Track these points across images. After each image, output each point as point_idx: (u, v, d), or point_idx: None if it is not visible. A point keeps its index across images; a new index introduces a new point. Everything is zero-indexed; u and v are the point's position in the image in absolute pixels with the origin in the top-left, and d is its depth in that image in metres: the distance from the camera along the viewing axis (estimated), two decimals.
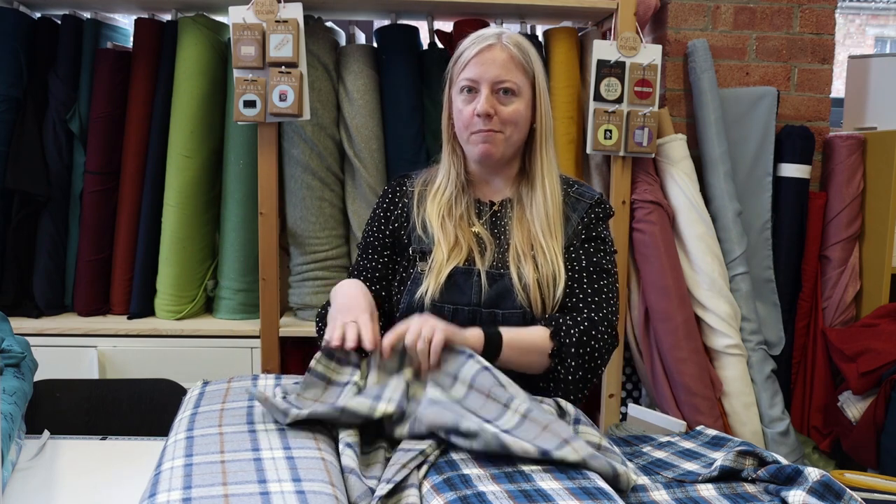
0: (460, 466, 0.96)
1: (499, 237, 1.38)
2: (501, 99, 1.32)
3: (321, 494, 0.84)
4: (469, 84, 1.32)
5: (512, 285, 1.31)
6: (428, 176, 1.46)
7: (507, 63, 1.31)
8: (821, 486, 0.94)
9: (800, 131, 2.31)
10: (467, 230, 1.37)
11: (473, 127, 1.33)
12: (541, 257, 1.32)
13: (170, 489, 0.84)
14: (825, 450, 2.29)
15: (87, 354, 2.06)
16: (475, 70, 1.31)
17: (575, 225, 1.38)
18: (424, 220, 1.39)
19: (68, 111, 2.14)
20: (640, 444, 1.23)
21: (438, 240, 1.35)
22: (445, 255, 1.33)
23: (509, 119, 1.32)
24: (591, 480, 0.93)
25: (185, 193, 2.14)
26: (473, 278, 1.32)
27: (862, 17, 14.50)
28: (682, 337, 2.14)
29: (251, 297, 2.17)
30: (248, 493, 0.84)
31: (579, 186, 1.43)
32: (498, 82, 1.31)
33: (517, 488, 0.89)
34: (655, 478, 1.07)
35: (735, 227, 2.22)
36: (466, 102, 1.33)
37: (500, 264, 1.34)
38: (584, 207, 1.40)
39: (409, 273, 1.38)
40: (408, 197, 1.43)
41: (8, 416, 1.16)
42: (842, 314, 2.33)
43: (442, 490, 0.90)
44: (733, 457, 1.05)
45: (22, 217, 2.13)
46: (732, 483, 1.03)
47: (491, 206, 1.41)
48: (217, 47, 2.16)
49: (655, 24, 2.42)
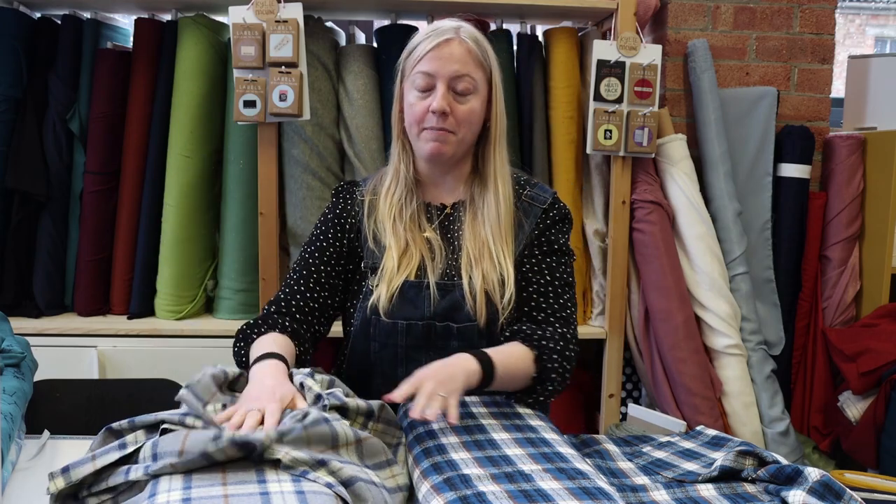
0: (460, 466, 0.96)
1: (452, 242, 1.34)
2: (457, 97, 1.27)
3: (320, 494, 0.84)
4: (424, 78, 1.27)
5: (463, 297, 1.28)
6: (376, 182, 1.40)
7: (465, 58, 1.27)
8: (821, 486, 0.94)
9: (800, 131, 2.31)
10: (418, 234, 1.33)
11: (426, 123, 1.27)
12: (488, 262, 1.29)
13: (170, 489, 0.84)
14: (825, 450, 2.29)
15: (87, 354, 2.05)
16: (432, 64, 1.26)
17: (529, 231, 1.35)
18: (375, 230, 1.34)
19: (68, 111, 2.14)
20: (640, 444, 1.23)
21: (389, 245, 1.30)
22: (396, 262, 1.28)
23: (464, 119, 1.28)
24: (592, 480, 0.93)
25: (185, 193, 2.14)
26: (424, 291, 1.29)
27: (862, 17, 14.50)
28: (682, 337, 2.14)
29: (251, 297, 2.17)
30: (247, 493, 0.83)
31: (531, 188, 1.39)
32: (455, 78, 1.26)
33: (517, 488, 0.89)
34: (655, 478, 1.07)
35: (735, 227, 2.22)
36: (420, 98, 1.27)
37: (453, 272, 1.30)
38: (536, 213, 1.36)
39: (361, 287, 1.34)
40: (358, 206, 1.38)
41: (8, 416, 1.16)
42: (842, 314, 2.33)
43: (442, 490, 0.90)
44: (733, 457, 1.05)
45: (22, 217, 2.12)
46: (732, 483, 1.03)
47: (443, 210, 1.37)
48: (217, 47, 2.16)
49: (655, 24, 2.42)
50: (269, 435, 0.89)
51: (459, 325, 1.29)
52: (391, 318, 1.29)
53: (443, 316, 1.29)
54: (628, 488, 1.03)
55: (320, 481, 0.87)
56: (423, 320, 1.29)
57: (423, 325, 1.29)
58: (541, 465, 0.97)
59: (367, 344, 1.33)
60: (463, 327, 1.29)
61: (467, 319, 1.29)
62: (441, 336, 1.29)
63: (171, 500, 0.81)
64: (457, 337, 1.29)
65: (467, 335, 1.29)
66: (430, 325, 1.29)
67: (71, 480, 0.89)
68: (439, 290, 1.29)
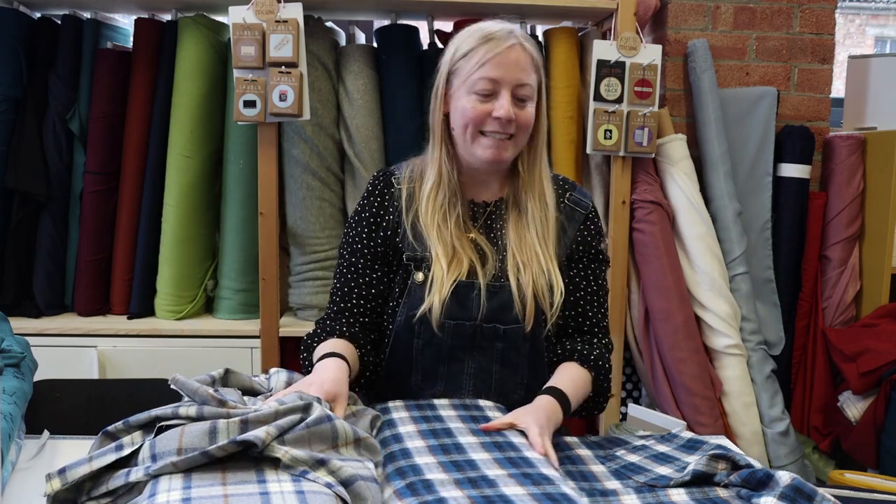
0: (423, 471, 0.96)
1: (496, 242, 1.35)
2: (517, 103, 1.28)
3: (320, 494, 0.84)
4: (487, 83, 1.26)
5: (512, 299, 1.29)
6: (411, 172, 1.39)
7: (527, 65, 1.28)
8: (791, 490, 0.94)
9: (800, 131, 2.31)
10: (464, 237, 1.33)
11: (486, 127, 1.27)
12: (536, 267, 1.30)
13: (169, 489, 0.84)
14: (825, 450, 2.29)
15: (87, 354, 2.06)
16: (497, 71, 1.25)
17: (572, 237, 1.37)
18: (416, 225, 1.33)
19: (68, 111, 2.14)
20: (612, 447, 1.21)
21: (437, 254, 1.29)
22: (445, 268, 1.28)
23: (524, 124, 1.29)
24: (557, 486, 0.92)
25: (185, 193, 2.14)
26: (474, 292, 1.29)
27: (862, 17, 14.50)
28: (682, 337, 2.14)
29: (251, 297, 2.17)
30: (247, 493, 0.83)
31: (573, 192, 1.41)
32: (519, 85, 1.27)
33: (480, 494, 0.89)
34: (627, 482, 1.06)
35: (735, 227, 2.22)
36: (480, 101, 1.27)
37: (500, 274, 1.31)
38: (579, 219, 1.38)
39: (406, 285, 1.33)
40: (396, 199, 1.36)
41: (8, 416, 1.16)
42: (842, 314, 2.33)
43: (404, 495, 0.90)
44: (706, 461, 1.04)
45: (22, 217, 2.12)
46: (705, 488, 1.02)
47: (485, 208, 1.38)
48: (217, 47, 2.16)
49: (655, 24, 2.42)
50: (270, 433, 0.89)
51: (506, 327, 1.30)
52: (441, 320, 1.30)
53: (490, 318, 1.30)
54: (598, 493, 1.01)
55: (320, 481, 0.86)
56: (471, 321, 1.30)
57: (471, 325, 1.30)
58: (506, 469, 0.96)
59: (411, 341, 1.33)
60: (510, 329, 1.30)
61: (514, 321, 1.30)
62: (487, 337, 1.31)
63: (171, 500, 0.81)
64: (502, 339, 1.31)
65: (512, 337, 1.31)
66: (477, 326, 1.30)
67: (67, 482, 0.89)
68: (488, 292, 1.30)
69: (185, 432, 0.89)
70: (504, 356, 1.32)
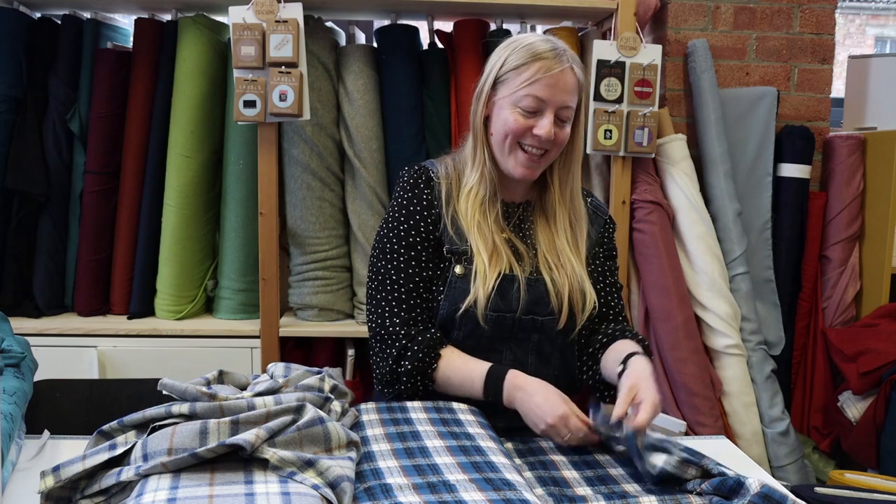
0: (384, 475, 0.97)
1: (525, 242, 1.40)
2: (558, 122, 1.32)
3: (306, 496, 0.85)
4: (534, 101, 1.30)
5: (547, 292, 1.35)
6: (447, 169, 1.42)
7: (574, 89, 1.32)
8: (760, 498, 0.95)
9: (800, 131, 2.31)
10: (500, 235, 1.37)
11: (525, 140, 1.32)
12: (570, 270, 1.37)
13: (157, 489, 0.85)
14: (825, 450, 2.29)
15: (87, 354, 2.06)
16: (546, 92, 1.29)
17: (595, 238, 1.46)
18: (455, 219, 1.37)
19: (68, 111, 2.14)
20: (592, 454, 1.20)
21: (478, 248, 1.33)
22: (486, 263, 1.32)
23: (560, 143, 1.35)
24: (518, 492, 0.92)
25: (185, 193, 2.14)
26: (515, 286, 1.34)
27: (862, 17, 14.49)
28: (682, 337, 2.14)
29: (251, 297, 2.17)
30: (232, 493, 0.84)
31: (593, 198, 1.51)
32: (564, 107, 1.31)
33: (438, 499, 0.90)
34: (598, 488, 1.05)
35: (735, 227, 2.22)
36: (523, 116, 1.31)
37: (535, 271, 1.37)
38: (600, 222, 1.48)
39: (446, 277, 1.35)
40: (437, 194, 1.39)
41: (8, 416, 1.16)
42: (842, 314, 2.33)
43: (360, 500, 0.91)
44: (676, 462, 1.04)
45: (22, 217, 2.12)
46: (677, 496, 1.02)
47: (515, 208, 1.43)
48: (217, 47, 2.16)
49: (655, 24, 2.42)
50: (260, 436, 0.90)
51: (543, 318, 1.36)
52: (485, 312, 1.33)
53: (528, 310, 1.35)
54: (567, 499, 1.01)
55: (307, 483, 0.87)
56: (511, 313, 1.34)
57: (510, 318, 1.34)
58: (468, 474, 0.97)
59: (451, 333, 1.36)
60: (546, 321, 1.36)
61: (549, 314, 1.36)
62: (524, 329, 1.35)
63: (157, 500, 0.82)
64: (539, 330, 1.36)
65: (548, 329, 1.36)
66: (515, 318, 1.34)
67: (61, 479, 0.89)
68: (527, 286, 1.35)
69: (177, 433, 0.90)
70: (539, 348, 1.37)
